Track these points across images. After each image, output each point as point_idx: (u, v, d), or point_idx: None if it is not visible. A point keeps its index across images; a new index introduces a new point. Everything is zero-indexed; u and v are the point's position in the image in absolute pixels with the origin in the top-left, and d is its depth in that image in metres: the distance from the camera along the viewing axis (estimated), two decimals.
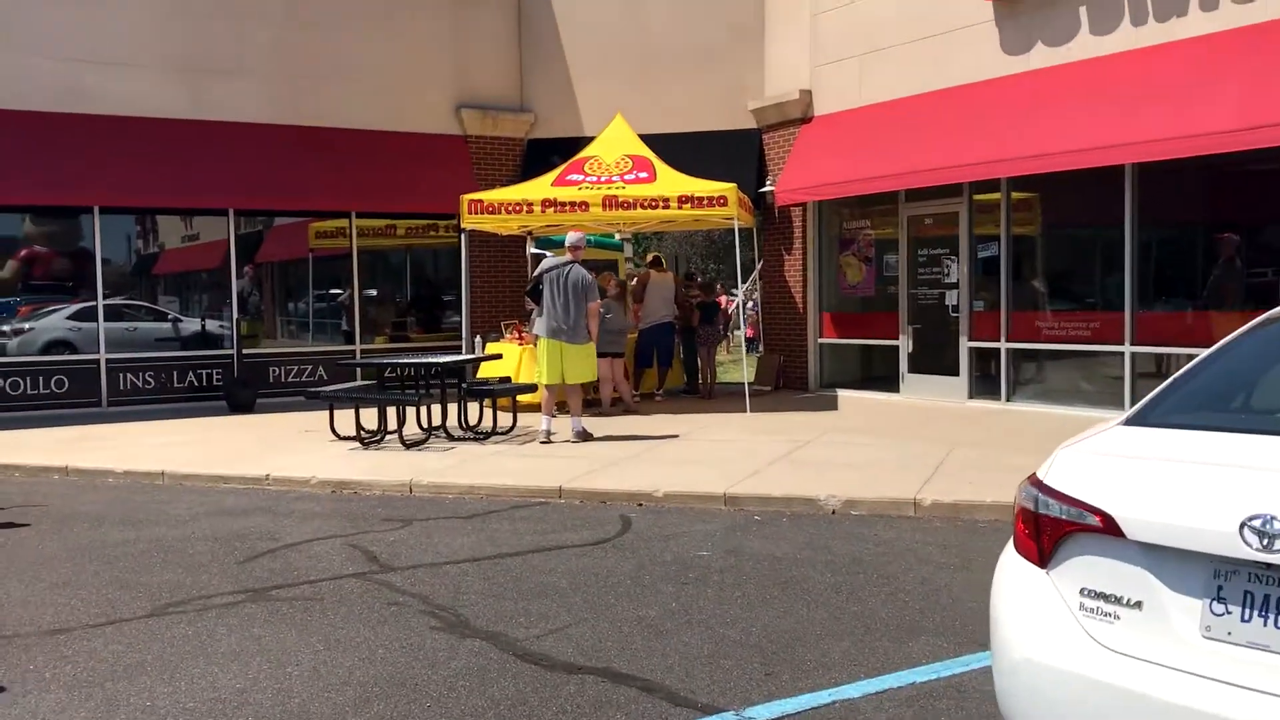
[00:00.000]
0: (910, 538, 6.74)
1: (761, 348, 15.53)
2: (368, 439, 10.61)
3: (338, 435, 10.91)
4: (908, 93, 13.06)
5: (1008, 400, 12.26)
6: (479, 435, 10.90)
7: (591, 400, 12.39)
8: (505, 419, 11.35)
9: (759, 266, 15.55)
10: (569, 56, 15.74)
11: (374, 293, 15.97)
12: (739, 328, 23.75)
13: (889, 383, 13.68)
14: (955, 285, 12.80)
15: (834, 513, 7.45)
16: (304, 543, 6.87)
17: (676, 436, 10.65)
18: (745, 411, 12.38)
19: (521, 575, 5.97)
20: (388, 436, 10.56)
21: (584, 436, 10.51)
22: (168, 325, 14.55)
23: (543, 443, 10.39)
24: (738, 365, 18.98)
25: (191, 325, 14.69)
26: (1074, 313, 11.67)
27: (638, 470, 8.78)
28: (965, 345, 12.69)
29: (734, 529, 7.04)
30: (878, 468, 8.61)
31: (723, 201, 12.30)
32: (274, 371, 14.62)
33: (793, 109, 14.51)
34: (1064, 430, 9.47)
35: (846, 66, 13.86)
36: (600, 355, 12.43)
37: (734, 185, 12.52)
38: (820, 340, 14.67)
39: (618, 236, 19.10)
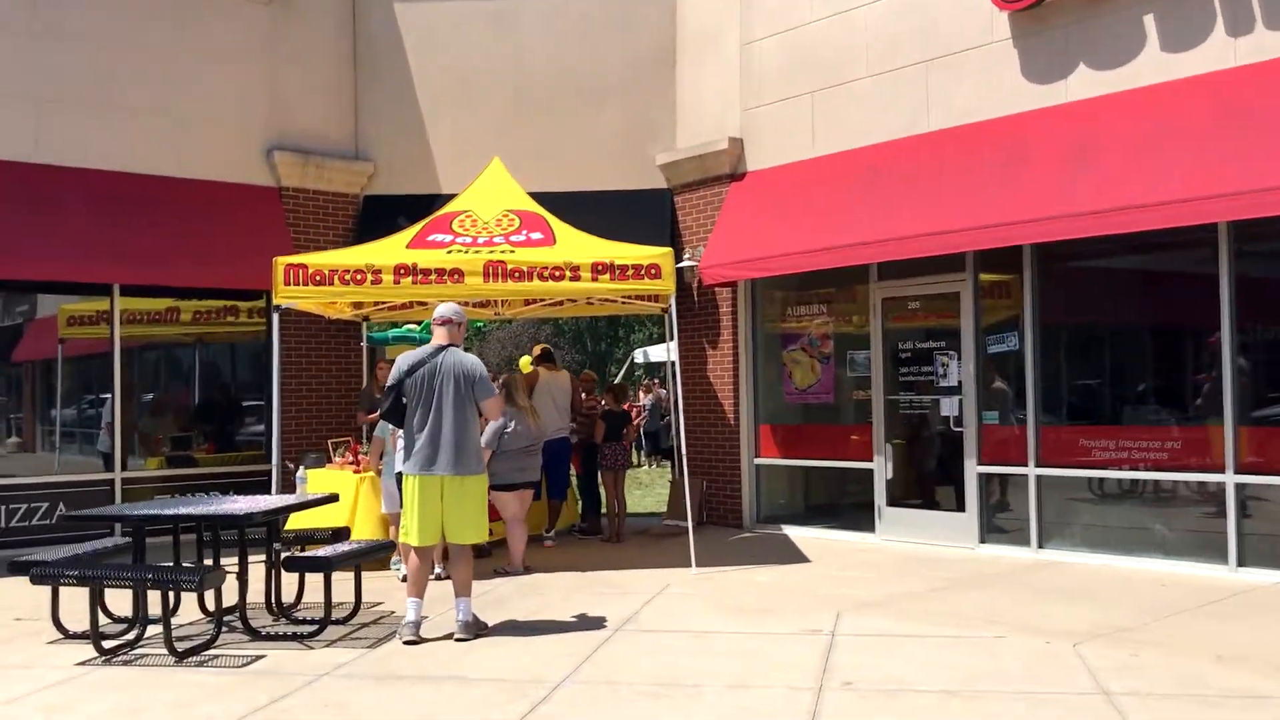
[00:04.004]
0: None
1: (676, 470, 11.91)
2: (114, 641, 6.43)
3: (64, 633, 6.68)
4: (885, 137, 9.94)
5: (1039, 547, 9.00)
6: (300, 626, 6.85)
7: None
8: (341, 590, 7.33)
9: (671, 362, 12.01)
10: (420, 90, 12.07)
11: (148, 398, 11.63)
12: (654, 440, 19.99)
13: (857, 519, 10.27)
14: (955, 389, 9.58)
15: None
16: None
17: (604, 625, 6.87)
18: (689, 566, 8.70)
19: None
20: (149, 632, 6.43)
21: (475, 629, 6.62)
22: None
23: (408, 641, 6.45)
24: (640, 489, 15.28)
25: None
26: (1142, 428, 8.57)
27: None
28: (973, 470, 9.43)
29: None
30: (1016, 698, 5.08)
31: (655, 272, 8.78)
32: None
33: (718, 163, 11.21)
34: (1209, 595, 6.74)
35: (794, 107, 10.68)
36: (505, 489, 8.66)
37: (669, 250, 9.02)
38: (757, 460, 11.18)
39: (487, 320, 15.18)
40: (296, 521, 9.09)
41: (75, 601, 6.72)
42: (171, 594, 6.10)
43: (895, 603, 7.37)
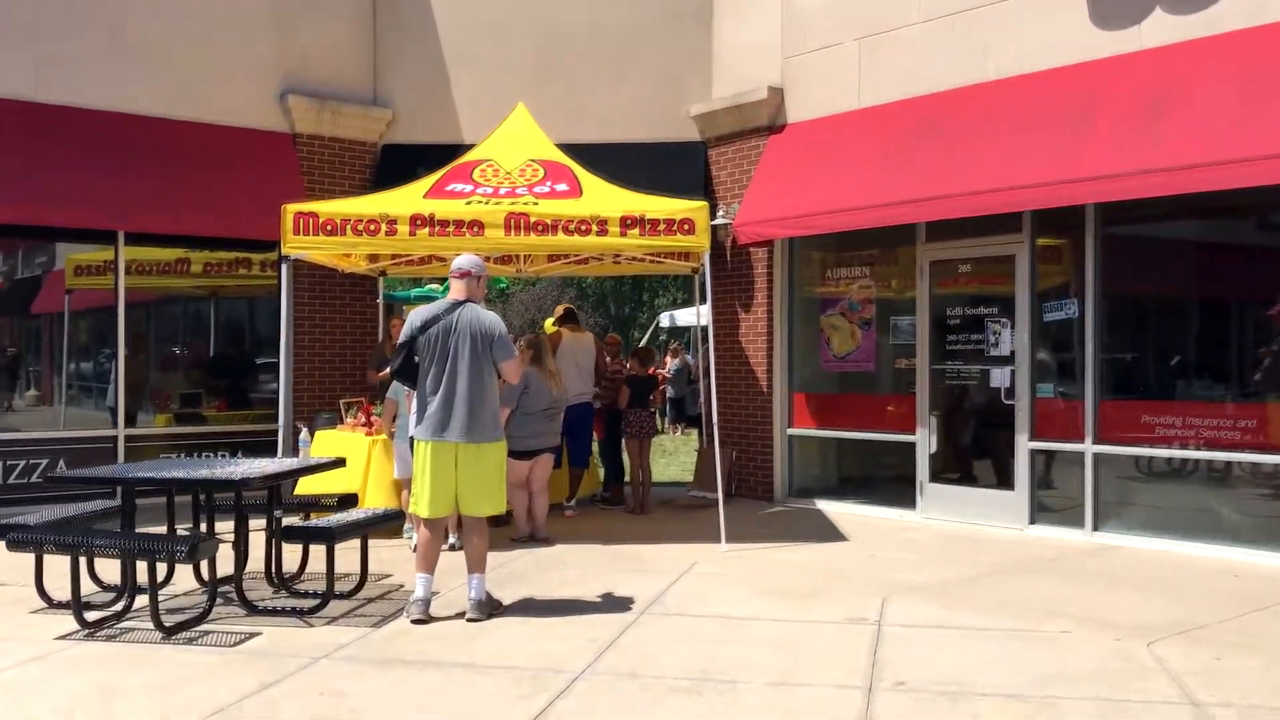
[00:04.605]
0: None
1: (706, 439, 11.34)
2: (100, 612, 5.96)
3: (49, 602, 6.21)
4: (937, 87, 9.25)
5: (1095, 530, 8.40)
6: (301, 601, 6.35)
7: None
8: (343, 560, 6.83)
9: (705, 325, 11.44)
10: (443, 36, 11.44)
11: (156, 353, 11.14)
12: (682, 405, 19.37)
13: (897, 496, 9.68)
14: (1007, 359, 8.95)
15: None
16: None
17: (629, 607, 6.33)
18: (718, 542, 8.15)
19: None
20: (140, 602, 5.95)
21: (488, 609, 6.10)
22: None
23: (416, 620, 5.94)
24: (665, 456, 14.70)
25: None
26: (1210, 404, 7.93)
27: None
28: (1025, 446, 8.81)
29: None
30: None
31: (688, 228, 8.17)
32: None
33: (757, 113, 10.55)
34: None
35: (839, 55, 10.00)
36: (524, 455, 8.12)
37: (703, 203, 8.41)
38: (790, 430, 10.59)
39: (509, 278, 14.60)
40: (304, 486, 8.63)
41: (64, 566, 6.22)
42: (156, 565, 5.59)
43: (944, 588, 6.80)
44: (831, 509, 9.98)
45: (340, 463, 6.94)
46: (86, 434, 10.23)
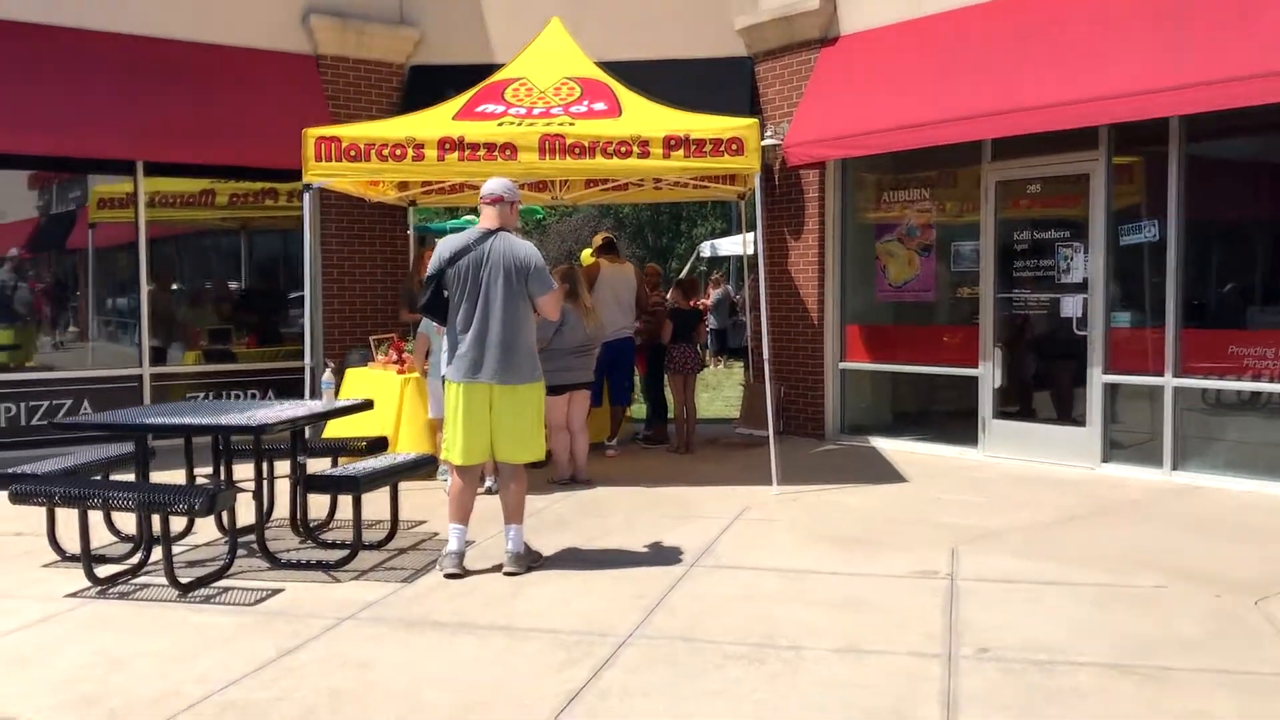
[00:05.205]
0: None
1: (753, 374, 10.81)
2: (115, 566, 5.60)
3: (62, 554, 5.84)
4: None
5: (1174, 469, 7.83)
6: (328, 552, 5.95)
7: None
8: (374, 506, 6.44)
9: (754, 253, 10.85)
10: None
11: (181, 288, 10.74)
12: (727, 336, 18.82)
13: (957, 433, 9.14)
14: (1079, 287, 8.33)
15: None
16: None
17: (678, 558, 5.88)
18: (770, 485, 7.67)
19: None
20: (155, 555, 5.57)
21: (527, 561, 5.66)
22: None
23: (449, 574, 5.51)
24: (708, 391, 14.18)
25: None
26: None
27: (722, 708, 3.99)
28: (1098, 380, 8.23)
29: None
30: None
31: (736, 148, 7.57)
32: (9, 410, 9.28)
33: (807, 25, 9.85)
34: None
35: None
36: (556, 391, 7.66)
37: (753, 120, 7.79)
38: (842, 364, 10.04)
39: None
40: (333, 429, 8.22)
41: (69, 528, 5.85)
42: (170, 519, 5.18)
43: (1018, 535, 6.29)
44: (887, 447, 9.46)
45: (367, 405, 6.48)
46: (111, 373, 9.87)
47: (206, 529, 6.46)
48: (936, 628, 4.64)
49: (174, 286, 10.59)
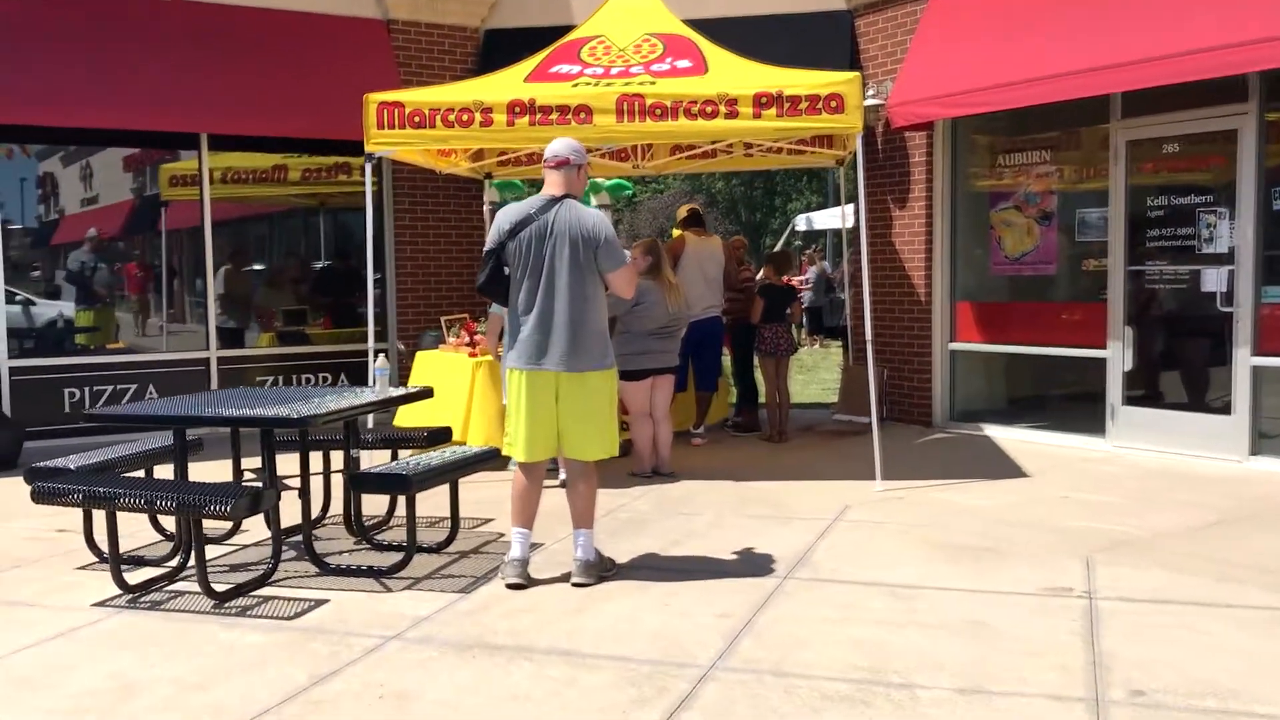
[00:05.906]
0: None
1: (853, 356, 10.03)
2: (153, 569, 5.13)
3: (99, 555, 5.39)
4: None
5: None
6: (381, 556, 5.40)
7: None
8: (436, 500, 5.88)
9: (856, 224, 10.04)
10: None
11: (252, 268, 10.36)
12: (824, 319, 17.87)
13: (1081, 420, 8.26)
14: (1225, 258, 7.39)
15: None
16: None
17: (769, 569, 5.19)
18: (873, 479, 6.93)
19: None
20: (191, 562, 5.08)
21: (598, 571, 5.03)
22: None
23: (511, 585, 4.92)
24: (803, 373, 13.41)
25: None
26: None
27: None
28: (1247, 362, 7.30)
29: None
30: None
31: (836, 105, 6.80)
32: (72, 394, 8.97)
33: None
34: None
35: None
36: (636, 376, 7.03)
37: (855, 74, 7.02)
38: (952, 345, 9.21)
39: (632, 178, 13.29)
40: (403, 417, 7.72)
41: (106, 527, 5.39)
42: (195, 523, 4.66)
43: (1163, 544, 5.46)
44: (1002, 436, 8.64)
45: (426, 393, 5.91)
46: (178, 357, 9.53)
47: (257, 526, 5.98)
48: (1077, 661, 3.89)
49: (245, 267, 10.21)
